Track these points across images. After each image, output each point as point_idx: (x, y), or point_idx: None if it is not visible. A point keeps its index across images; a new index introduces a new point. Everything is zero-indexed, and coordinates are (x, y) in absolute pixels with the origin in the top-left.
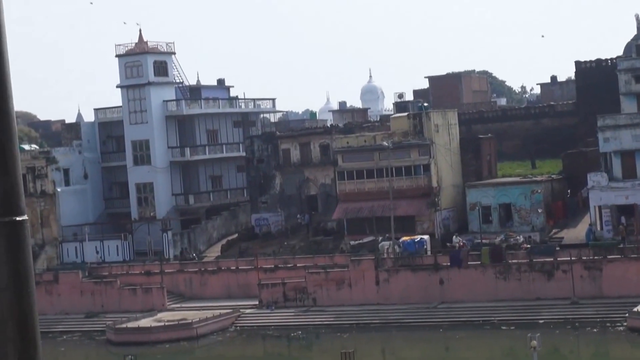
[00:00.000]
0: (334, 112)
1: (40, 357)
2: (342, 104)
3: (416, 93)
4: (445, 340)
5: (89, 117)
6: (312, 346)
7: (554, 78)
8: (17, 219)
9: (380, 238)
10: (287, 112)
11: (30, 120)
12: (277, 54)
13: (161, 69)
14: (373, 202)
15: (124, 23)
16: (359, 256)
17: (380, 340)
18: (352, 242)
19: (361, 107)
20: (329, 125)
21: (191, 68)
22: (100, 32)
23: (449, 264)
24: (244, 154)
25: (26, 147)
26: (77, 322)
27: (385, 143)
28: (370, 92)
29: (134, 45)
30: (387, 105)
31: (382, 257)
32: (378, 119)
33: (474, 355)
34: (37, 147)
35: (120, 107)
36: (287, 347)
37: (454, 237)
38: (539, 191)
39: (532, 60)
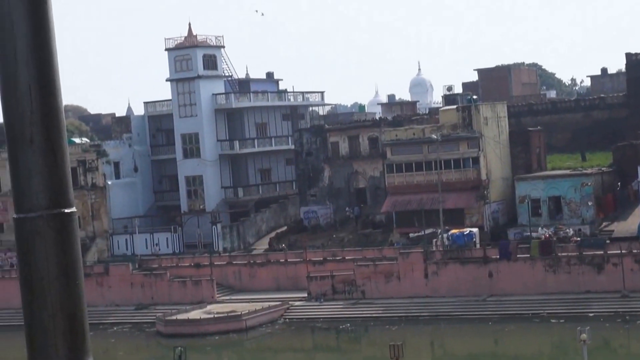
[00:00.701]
0: (382, 105)
1: (89, 348)
2: (391, 97)
3: (465, 86)
4: (494, 333)
5: (138, 110)
6: (360, 339)
7: (604, 70)
8: (66, 211)
9: (439, 230)
10: (335, 105)
11: (81, 114)
12: (325, 47)
13: (210, 62)
14: (422, 195)
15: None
16: (408, 249)
17: (429, 333)
18: (410, 235)
19: (410, 100)
20: (377, 118)
21: (240, 62)
22: (150, 26)
23: (498, 256)
24: (292, 147)
25: (77, 140)
26: (127, 314)
27: (434, 136)
28: (419, 85)
29: (183, 39)
30: (436, 98)
31: (431, 250)
32: (427, 112)
33: (523, 348)
34: (88, 141)
35: (170, 100)
36: (335, 340)
37: (539, 229)
38: (589, 184)
39: (582, 53)
